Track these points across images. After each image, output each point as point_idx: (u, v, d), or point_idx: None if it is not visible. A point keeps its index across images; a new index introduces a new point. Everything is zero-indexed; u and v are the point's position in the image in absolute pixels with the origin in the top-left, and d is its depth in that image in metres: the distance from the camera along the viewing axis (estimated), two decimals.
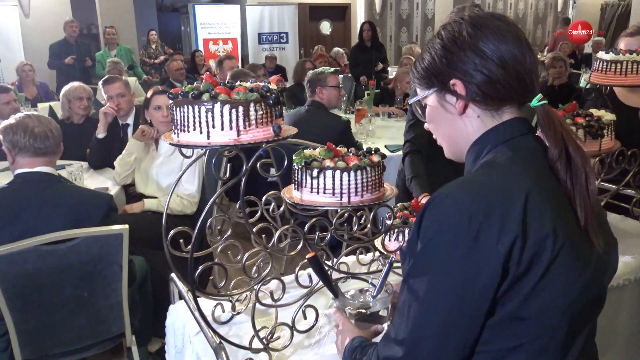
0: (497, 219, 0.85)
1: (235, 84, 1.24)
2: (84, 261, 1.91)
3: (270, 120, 1.23)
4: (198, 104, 1.17)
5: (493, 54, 0.96)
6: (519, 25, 1.05)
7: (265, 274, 1.34)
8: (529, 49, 1.00)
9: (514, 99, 0.99)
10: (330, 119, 3.48)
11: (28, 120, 2.04)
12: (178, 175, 2.99)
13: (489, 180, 0.92)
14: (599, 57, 1.97)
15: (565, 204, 0.93)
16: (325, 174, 1.35)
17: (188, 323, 1.55)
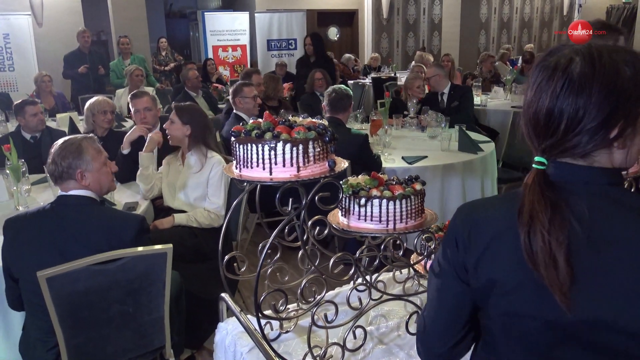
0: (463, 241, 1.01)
1: (294, 123, 1.33)
2: (131, 279, 2.00)
3: (326, 156, 1.32)
4: (262, 142, 1.26)
5: None
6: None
7: (321, 297, 1.43)
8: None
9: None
10: (349, 135, 3.57)
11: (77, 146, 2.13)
12: (204, 189, 3.12)
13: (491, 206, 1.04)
14: None
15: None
16: (372, 203, 1.45)
17: (238, 340, 1.64)
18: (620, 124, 0.90)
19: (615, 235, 0.89)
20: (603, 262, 0.89)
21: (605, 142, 0.91)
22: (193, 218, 3.04)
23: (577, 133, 0.90)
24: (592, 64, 0.89)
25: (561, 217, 0.89)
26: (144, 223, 2.24)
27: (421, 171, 3.75)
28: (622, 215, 0.90)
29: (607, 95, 0.88)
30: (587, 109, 0.89)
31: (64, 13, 8.39)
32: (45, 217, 2.09)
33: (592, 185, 0.93)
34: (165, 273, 2.07)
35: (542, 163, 0.94)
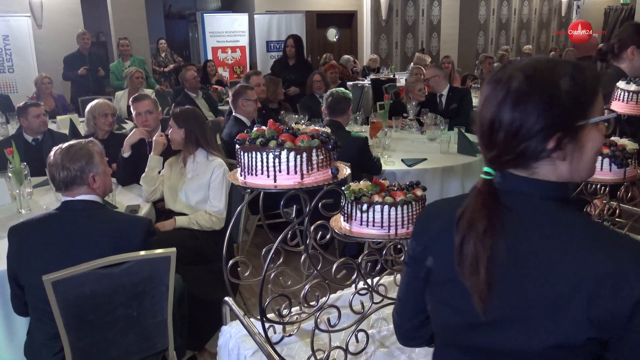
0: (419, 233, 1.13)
1: (298, 131, 1.35)
2: (136, 282, 2.02)
3: (329, 163, 1.35)
4: (266, 150, 1.29)
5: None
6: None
7: (324, 302, 1.45)
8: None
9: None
10: (349, 138, 3.60)
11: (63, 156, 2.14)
12: (206, 192, 3.14)
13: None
14: (620, 87, 2.09)
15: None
16: (374, 209, 1.47)
17: (242, 344, 1.66)
18: (558, 136, 0.92)
19: (538, 251, 0.92)
20: (519, 275, 0.93)
21: (544, 154, 0.93)
22: (194, 221, 3.06)
23: (516, 145, 0.93)
24: (529, 80, 0.93)
25: (494, 228, 0.93)
26: (151, 226, 2.27)
27: (420, 173, 3.78)
28: (551, 232, 0.92)
29: (543, 108, 0.91)
30: (523, 121, 0.92)
31: (63, 15, 8.40)
32: (53, 223, 2.11)
33: (533, 198, 0.96)
34: (169, 276, 2.10)
35: (489, 173, 0.97)
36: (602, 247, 0.89)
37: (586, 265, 0.88)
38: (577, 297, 0.87)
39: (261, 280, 1.36)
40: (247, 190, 1.40)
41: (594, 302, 0.86)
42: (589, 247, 0.89)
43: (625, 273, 0.86)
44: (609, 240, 0.90)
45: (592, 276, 0.87)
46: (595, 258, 0.88)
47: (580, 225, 0.93)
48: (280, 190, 1.30)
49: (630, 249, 0.89)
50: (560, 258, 0.90)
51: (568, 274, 0.88)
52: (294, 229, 1.52)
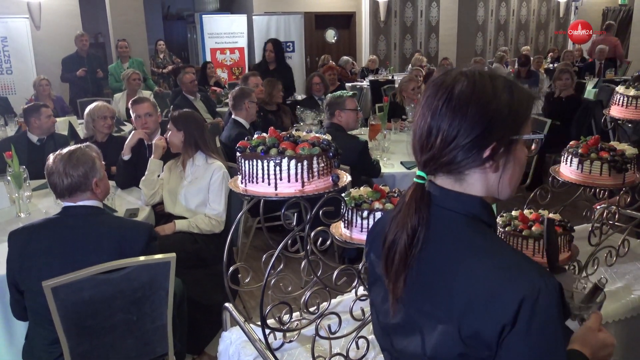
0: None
1: (299, 139, 1.35)
2: (135, 288, 2.02)
3: (330, 171, 1.35)
4: (267, 158, 1.29)
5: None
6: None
7: (325, 309, 1.45)
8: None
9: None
10: (349, 141, 3.60)
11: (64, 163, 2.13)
12: (205, 195, 3.14)
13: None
14: (619, 92, 2.09)
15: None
16: (375, 215, 1.47)
17: (242, 350, 1.66)
18: (493, 145, 0.93)
19: (442, 263, 0.94)
20: (422, 283, 0.95)
21: (478, 161, 0.94)
22: (194, 224, 3.06)
23: (452, 149, 0.93)
24: (473, 85, 0.93)
25: (419, 235, 0.95)
26: (153, 230, 2.27)
27: None
28: (456, 248, 0.93)
29: (482, 115, 0.92)
30: (461, 126, 0.92)
31: (62, 16, 8.38)
32: (54, 228, 2.11)
33: (455, 213, 0.96)
34: (169, 281, 2.10)
35: (422, 177, 0.97)
36: (486, 266, 0.89)
37: (466, 283, 0.88)
38: (453, 312, 0.89)
39: (262, 287, 1.36)
40: (248, 197, 1.40)
41: (464, 319, 0.87)
42: (476, 266, 0.89)
43: (497, 294, 0.85)
44: (496, 262, 0.89)
45: (468, 293, 0.88)
46: (482, 275, 0.88)
47: (479, 245, 0.93)
48: (281, 198, 1.30)
49: (515, 271, 0.87)
50: (453, 274, 0.91)
51: (453, 290, 0.90)
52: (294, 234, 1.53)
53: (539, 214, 1.92)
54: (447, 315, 0.90)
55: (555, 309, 0.85)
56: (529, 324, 0.83)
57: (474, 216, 0.95)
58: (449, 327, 0.89)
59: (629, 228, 2.09)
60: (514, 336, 0.84)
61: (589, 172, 1.91)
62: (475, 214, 0.95)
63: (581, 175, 1.93)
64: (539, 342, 0.84)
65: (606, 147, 1.91)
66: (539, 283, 0.84)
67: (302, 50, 10.17)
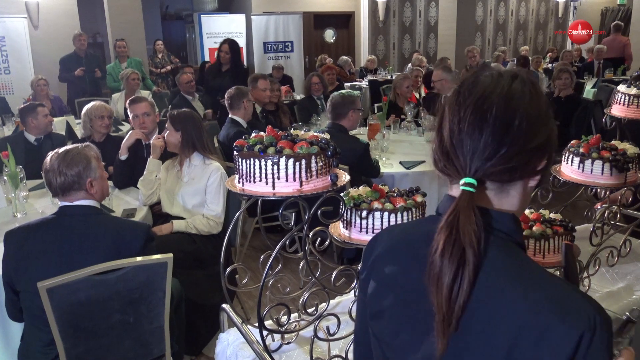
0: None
1: (297, 138, 1.33)
2: (132, 289, 2.00)
3: (328, 170, 1.33)
4: (265, 157, 1.27)
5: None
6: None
7: (323, 310, 1.43)
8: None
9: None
10: (351, 142, 3.58)
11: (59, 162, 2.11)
12: (203, 196, 3.12)
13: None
14: (620, 91, 2.07)
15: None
16: (374, 215, 1.45)
17: (240, 351, 1.64)
18: (548, 156, 0.86)
19: (487, 288, 0.81)
20: (471, 325, 0.81)
21: (532, 172, 0.86)
22: (192, 225, 3.04)
23: (511, 158, 0.82)
24: (534, 87, 0.86)
25: (476, 254, 0.80)
26: (150, 231, 2.25)
27: (419, 176, 3.76)
28: (511, 279, 0.81)
29: (547, 120, 0.85)
30: (533, 129, 0.83)
31: (60, 16, 8.36)
32: (50, 228, 2.09)
33: (500, 233, 0.84)
34: (166, 282, 2.08)
35: (473, 185, 0.83)
36: (533, 298, 0.77)
37: (511, 318, 0.77)
38: (497, 352, 0.78)
39: (259, 288, 1.34)
40: (245, 197, 1.38)
41: (511, 355, 0.76)
42: (521, 298, 0.78)
43: (551, 329, 0.75)
44: (544, 293, 0.78)
45: (514, 330, 0.76)
46: (532, 305, 0.77)
47: (520, 273, 0.81)
48: (278, 198, 1.28)
49: (571, 302, 0.77)
50: (494, 308, 0.79)
51: (496, 327, 0.78)
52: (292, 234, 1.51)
53: (540, 213, 1.90)
54: (488, 354, 0.79)
55: (608, 349, 0.76)
56: (588, 357, 0.74)
57: (510, 235, 0.85)
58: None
59: (630, 228, 2.07)
60: None
61: (590, 172, 1.89)
62: (510, 234, 0.85)
63: (582, 174, 1.91)
64: None
65: (607, 146, 1.89)
66: (595, 315, 0.75)
67: (301, 50, 10.14)
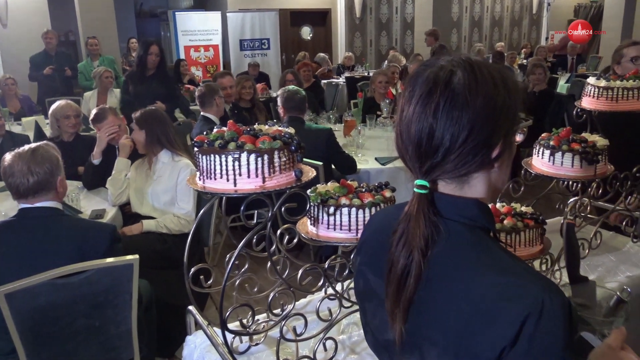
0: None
1: (260, 132, 1.29)
2: (96, 292, 1.94)
3: (292, 166, 1.28)
4: (225, 153, 1.22)
5: None
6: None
7: (289, 310, 1.39)
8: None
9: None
10: (312, 131, 3.60)
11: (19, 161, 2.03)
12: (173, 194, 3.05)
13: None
14: (590, 83, 2.07)
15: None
16: (341, 212, 1.42)
17: (207, 354, 1.59)
18: (501, 143, 0.85)
19: (443, 277, 0.84)
20: (423, 299, 0.85)
21: (487, 162, 0.85)
22: (162, 224, 2.98)
23: (461, 152, 0.82)
24: (474, 75, 0.83)
25: (429, 251, 0.83)
26: (116, 232, 2.19)
27: (394, 172, 3.74)
28: (465, 266, 0.83)
29: (491, 109, 0.82)
30: (472, 124, 0.81)
31: (29, 14, 8.15)
32: (11, 231, 2.01)
33: (462, 222, 0.86)
34: (132, 284, 2.02)
35: (424, 187, 0.85)
36: (485, 284, 0.79)
37: (464, 303, 0.79)
38: (451, 335, 0.80)
39: (221, 290, 1.29)
40: (208, 195, 1.33)
41: (462, 339, 0.79)
42: (474, 284, 0.80)
43: (497, 315, 0.76)
44: (496, 278, 0.80)
45: (466, 315, 0.79)
46: (482, 292, 0.79)
47: (477, 259, 0.83)
48: (241, 194, 1.23)
49: (518, 287, 0.78)
50: (450, 294, 0.82)
51: (451, 311, 0.81)
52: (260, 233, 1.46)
53: (512, 207, 1.89)
54: (444, 338, 0.82)
55: (560, 330, 0.75)
56: (531, 342, 0.74)
57: (473, 223, 0.86)
58: (446, 351, 0.81)
59: (600, 220, 2.08)
60: (513, 357, 0.75)
61: (561, 164, 1.88)
62: (474, 219, 0.86)
63: (553, 167, 1.90)
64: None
65: (577, 138, 1.89)
66: (543, 296, 0.75)
67: (278, 48, 10.08)
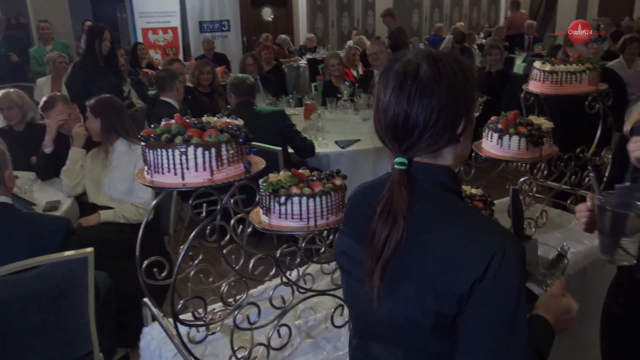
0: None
1: (207, 125, 1.29)
2: (50, 287, 1.91)
3: (241, 158, 1.29)
4: (172, 147, 1.22)
5: None
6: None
7: (243, 300, 1.41)
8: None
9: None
10: (265, 115, 3.62)
11: None
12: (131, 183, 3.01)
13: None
14: (536, 67, 2.13)
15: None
16: (292, 201, 1.43)
17: (164, 345, 1.60)
18: (464, 121, 1.00)
19: (422, 231, 0.97)
20: (403, 253, 0.98)
21: (453, 138, 1.00)
22: (120, 214, 2.94)
23: (433, 132, 0.97)
24: (437, 67, 0.97)
25: (408, 219, 0.97)
26: (69, 224, 2.15)
27: (353, 155, 3.78)
28: (435, 216, 0.98)
29: (454, 93, 0.97)
30: (439, 108, 0.96)
31: None
32: None
33: (435, 187, 1.00)
34: (88, 277, 2.00)
35: (404, 163, 1.00)
36: (458, 230, 0.96)
37: (441, 246, 0.94)
38: (430, 274, 0.94)
39: (172, 282, 1.30)
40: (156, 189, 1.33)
41: (440, 277, 0.93)
42: (449, 231, 0.96)
43: (469, 253, 0.92)
44: (467, 226, 0.96)
45: (443, 255, 0.94)
46: (455, 237, 0.94)
47: (451, 212, 0.99)
48: (189, 188, 1.24)
49: (485, 233, 0.95)
50: (429, 239, 0.96)
51: (428, 254, 0.96)
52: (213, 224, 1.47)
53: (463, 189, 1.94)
54: (423, 278, 0.95)
55: (519, 265, 0.93)
56: (496, 277, 0.91)
57: (445, 185, 1.01)
58: (425, 289, 0.95)
59: (546, 199, 2.15)
60: (481, 289, 0.91)
61: (508, 147, 1.94)
62: (445, 183, 1.01)
63: (501, 150, 1.97)
64: (504, 294, 0.92)
65: (524, 121, 1.95)
66: (505, 242, 0.93)
67: (238, 30, 9.92)
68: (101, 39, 4.38)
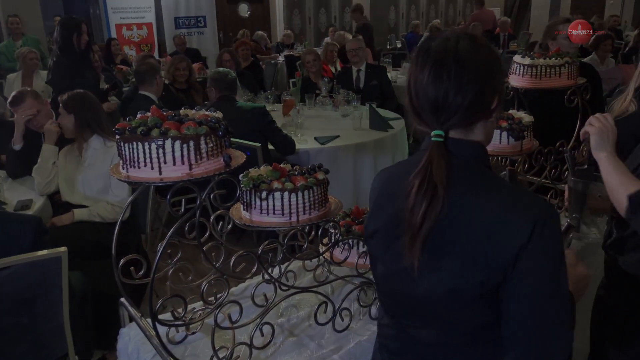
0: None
1: (185, 118, 1.24)
2: (22, 288, 1.85)
3: (221, 151, 1.25)
4: (148, 140, 1.17)
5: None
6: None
7: (223, 298, 1.37)
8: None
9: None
10: (247, 110, 3.57)
11: None
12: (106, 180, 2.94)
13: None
14: (516, 61, 2.13)
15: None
16: (274, 196, 1.40)
17: (142, 346, 1.56)
18: (497, 97, 1.04)
19: (463, 203, 1.00)
20: (442, 225, 1.00)
21: (488, 114, 1.04)
22: (95, 213, 2.86)
23: (470, 104, 1.00)
24: (475, 45, 1.02)
25: (449, 188, 1.00)
26: (42, 224, 2.09)
27: (334, 151, 3.76)
28: (474, 187, 1.02)
29: (490, 70, 1.03)
30: (480, 84, 1.00)
31: None
32: None
33: (470, 159, 1.04)
34: (62, 278, 1.93)
35: (442, 136, 1.02)
36: (499, 199, 1.00)
37: (483, 215, 0.98)
38: (473, 243, 0.97)
39: (150, 282, 1.26)
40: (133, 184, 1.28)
41: (485, 246, 0.96)
42: (490, 200, 0.99)
43: (513, 220, 0.96)
44: (507, 195, 1.00)
45: (486, 224, 0.97)
46: (496, 206, 0.98)
47: (488, 183, 1.03)
48: (167, 183, 1.19)
49: (525, 200, 0.99)
50: (470, 210, 0.99)
51: (471, 224, 0.98)
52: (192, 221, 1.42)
53: None
54: (467, 249, 0.98)
55: (559, 237, 0.98)
56: (541, 241, 0.94)
57: (479, 159, 1.05)
58: (470, 259, 0.97)
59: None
60: (528, 254, 0.94)
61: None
62: (479, 157, 1.05)
63: None
64: (548, 258, 0.96)
65: (504, 115, 1.94)
66: (546, 208, 0.98)
67: (215, 26, 9.83)
68: (79, 32, 4.13)
